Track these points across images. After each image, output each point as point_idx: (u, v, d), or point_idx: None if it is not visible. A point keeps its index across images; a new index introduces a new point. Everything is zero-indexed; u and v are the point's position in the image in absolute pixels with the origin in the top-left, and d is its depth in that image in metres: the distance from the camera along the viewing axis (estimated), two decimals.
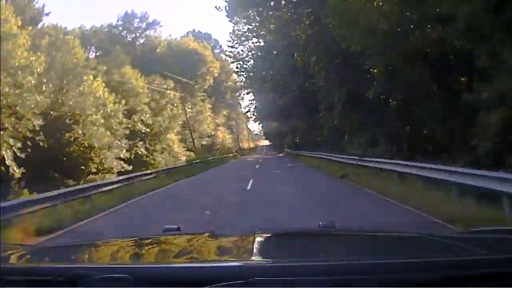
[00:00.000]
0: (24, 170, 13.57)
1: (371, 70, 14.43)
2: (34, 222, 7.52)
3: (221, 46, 60.42)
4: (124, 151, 21.03)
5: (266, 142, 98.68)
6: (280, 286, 1.06)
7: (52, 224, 7.58)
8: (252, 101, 50.59)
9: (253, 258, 1.42)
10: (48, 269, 1.32)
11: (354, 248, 1.70)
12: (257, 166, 26.87)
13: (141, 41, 45.86)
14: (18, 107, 13.84)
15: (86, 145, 18.04)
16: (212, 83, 49.15)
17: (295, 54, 26.84)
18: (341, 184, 13.36)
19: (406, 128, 14.27)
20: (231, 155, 47.23)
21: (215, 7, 55.85)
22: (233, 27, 35.30)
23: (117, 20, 44.86)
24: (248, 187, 13.61)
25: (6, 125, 13.30)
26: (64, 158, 17.30)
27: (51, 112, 16.74)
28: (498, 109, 8.24)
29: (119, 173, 18.52)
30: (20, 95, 13.83)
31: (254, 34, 32.63)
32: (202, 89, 46.25)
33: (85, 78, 19.23)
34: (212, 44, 57.43)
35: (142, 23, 45.85)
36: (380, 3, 12.60)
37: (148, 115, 26.54)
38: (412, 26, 11.53)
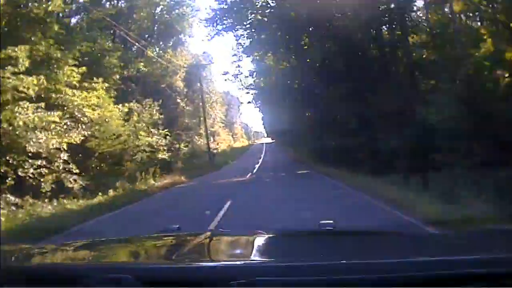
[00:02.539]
0: None
1: None
2: None
3: None
4: None
5: (268, 140, 72.83)
6: (280, 286, 1.06)
7: None
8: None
9: (253, 258, 1.42)
10: (48, 269, 1.32)
11: (354, 248, 1.70)
12: None
13: None
14: None
15: None
16: None
17: None
18: None
19: None
20: None
21: None
22: None
23: None
24: None
25: None
26: None
27: None
28: None
29: None
30: None
31: None
32: None
33: None
34: None
35: None
36: None
37: None
38: None
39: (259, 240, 1.74)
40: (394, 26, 15.88)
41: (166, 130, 19.16)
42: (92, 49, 15.53)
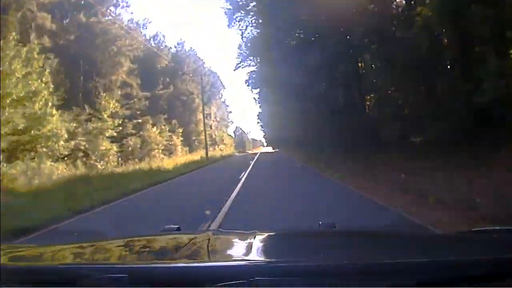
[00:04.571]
0: None
1: None
2: None
3: None
4: None
5: (269, 149, 66.13)
6: (280, 286, 1.05)
7: None
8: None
9: (253, 258, 1.41)
10: (48, 269, 1.32)
11: (354, 248, 1.70)
12: None
13: None
14: None
15: None
16: None
17: None
18: None
19: None
20: None
21: None
22: None
23: None
24: None
25: None
26: None
27: None
28: None
29: None
30: None
31: None
32: None
33: None
34: None
35: None
36: None
37: None
38: None
39: (259, 240, 1.74)
40: None
41: None
42: None
